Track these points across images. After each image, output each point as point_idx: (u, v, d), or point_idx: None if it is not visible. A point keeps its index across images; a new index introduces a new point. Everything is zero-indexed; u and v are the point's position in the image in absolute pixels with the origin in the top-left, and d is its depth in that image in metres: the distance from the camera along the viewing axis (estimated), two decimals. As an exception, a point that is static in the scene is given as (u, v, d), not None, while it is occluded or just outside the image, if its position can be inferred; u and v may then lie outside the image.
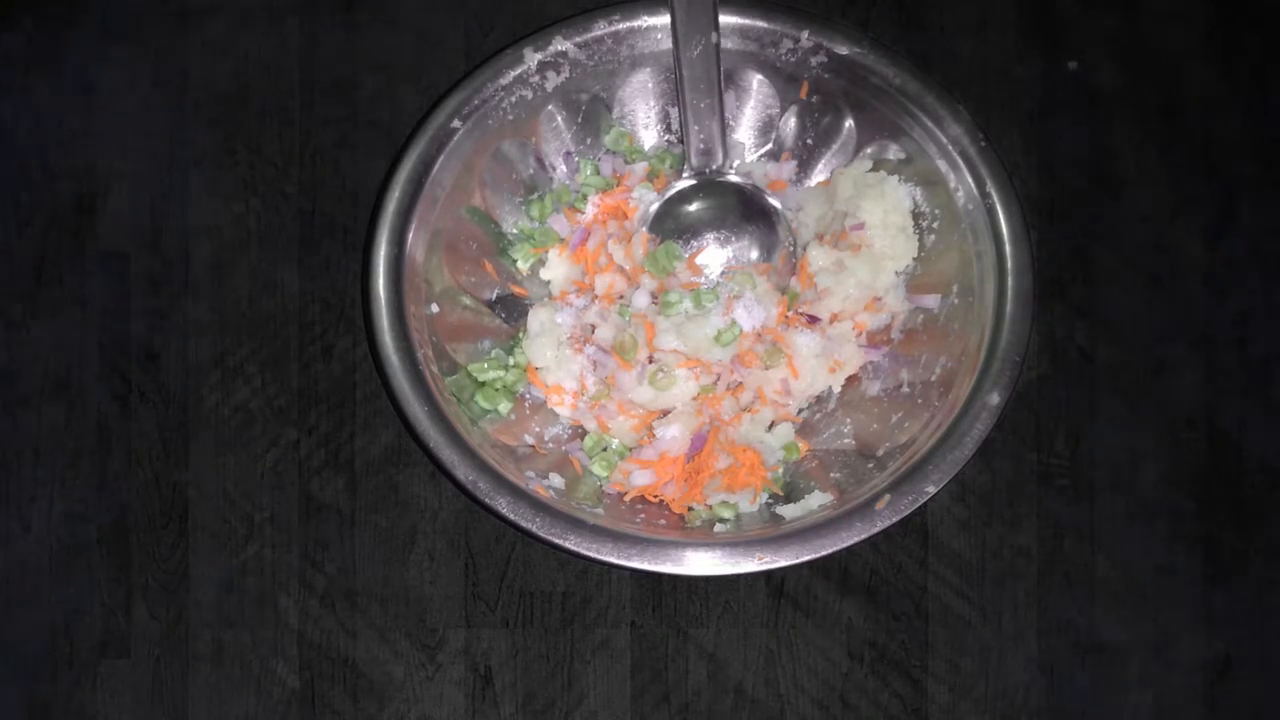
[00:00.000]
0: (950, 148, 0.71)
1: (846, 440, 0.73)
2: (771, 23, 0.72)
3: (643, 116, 0.76)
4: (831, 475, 0.71)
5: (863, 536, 0.67)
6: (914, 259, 0.74)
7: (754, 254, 0.73)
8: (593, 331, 0.72)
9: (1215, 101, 0.78)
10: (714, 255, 0.73)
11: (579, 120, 0.75)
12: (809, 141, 0.75)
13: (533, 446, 0.72)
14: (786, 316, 0.73)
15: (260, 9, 0.77)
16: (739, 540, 0.67)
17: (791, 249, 0.74)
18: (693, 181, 0.73)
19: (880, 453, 0.71)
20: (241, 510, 0.75)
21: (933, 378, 0.71)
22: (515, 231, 0.75)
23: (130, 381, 0.76)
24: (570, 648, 0.75)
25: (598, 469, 0.71)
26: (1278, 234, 0.78)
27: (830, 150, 0.75)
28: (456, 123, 0.71)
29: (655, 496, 0.71)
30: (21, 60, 0.77)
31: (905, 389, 0.72)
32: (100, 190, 0.76)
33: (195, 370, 0.76)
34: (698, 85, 0.70)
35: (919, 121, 0.71)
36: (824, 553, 0.67)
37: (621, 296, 0.73)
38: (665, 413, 0.72)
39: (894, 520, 0.67)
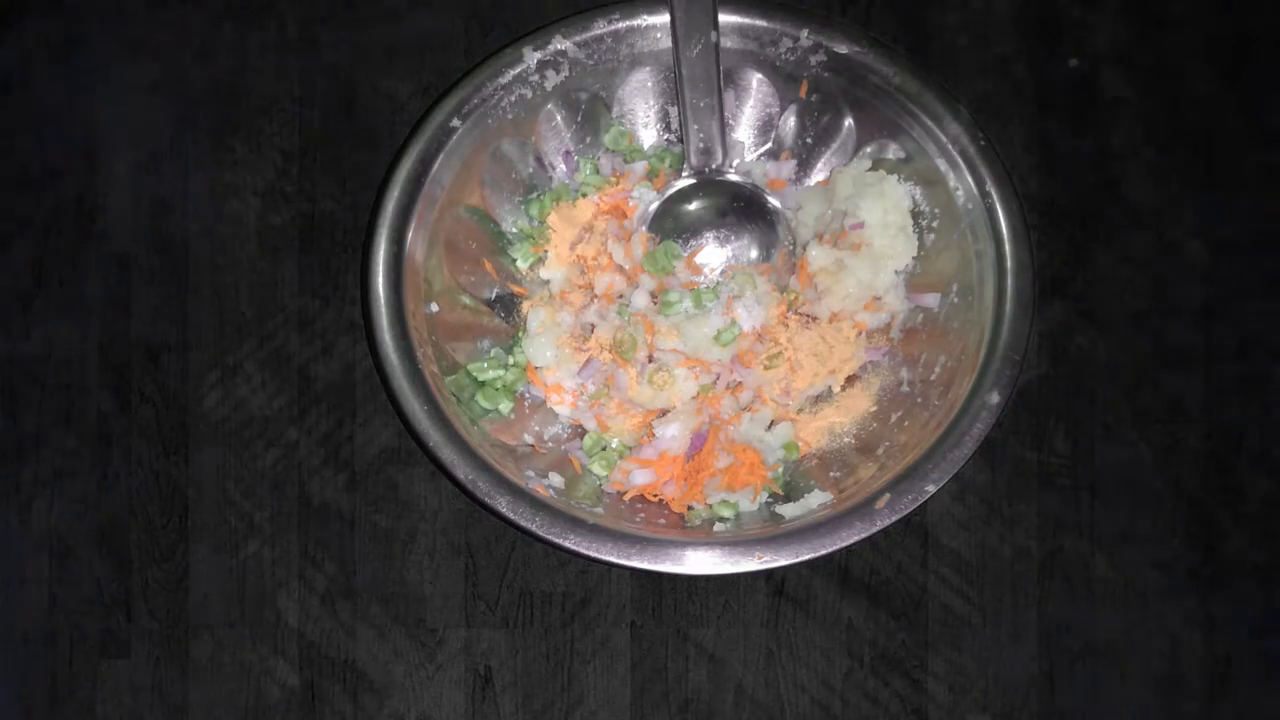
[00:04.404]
0: (950, 147, 0.71)
1: (846, 439, 0.73)
2: (771, 22, 0.72)
3: (642, 115, 0.76)
4: (831, 474, 0.71)
5: (863, 536, 0.67)
6: (913, 258, 0.74)
7: (754, 253, 0.73)
8: (592, 331, 0.72)
9: (1215, 101, 0.78)
10: (713, 254, 0.73)
11: (578, 119, 0.75)
12: (808, 140, 0.75)
13: (532, 446, 0.72)
14: (786, 316, 0.73)
15: (260, 8, 0.78)
16: (739, 539, 0.67)
17: (791, 248, 0.74)
18: (692, 180, 0.73)
19: (880, 452, 0.70)
20: (241, 510, 0.75)
21: (932, 377, 0.71)
22: (515, 230, 0.75)
23: (130, 381, 0.76)
24: (570, 647, 0.75)
25: (597, 468, 0.71)
26: (1277, 233, 0.78)
27: (830, 149, 0.75)
28: (456, 122, 0.71)
29: (655, 496, 0.71)
30: (22, 60, 0.77)
31: (905, 388, 0.72)
32: (100, 190, 0.77)
33: (195, 370, 0.76)
34: (697, 84, 0.70)
35: (918, 120, 0.71)
36: (824, 552, 0.67)
37: (621, 296, 0.73)
38: (665, 412, 0.72)
39: (894, 519, 0.67)
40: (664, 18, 0.71)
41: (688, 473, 0.71)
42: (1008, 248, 0.70)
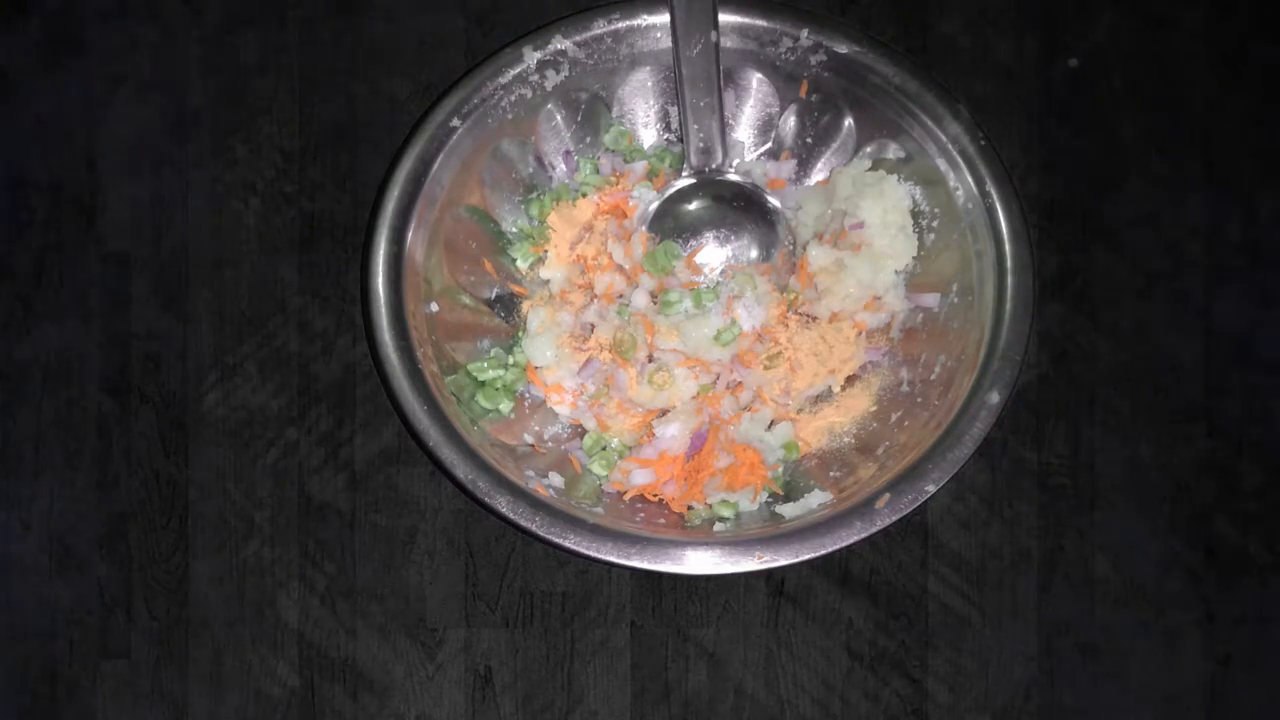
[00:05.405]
0: (950, 146, 0.71)
1: (847, 439, 0.73)
2: (771, 21, 0.72)
3: (642, 115, 0.76)
4: (831, 474, 0.71)
5: (863, 535, 0.67)
6: (914, 258, 0.74)
7: (753, 253, 0.73)
8: (592, 331, 0.72)
9: (1215, 101, 0.78)
10: (713, 254, 0.73)
11: (578, 119, 0.75)
12: (808, 140, 0.75)
13: (532, 445, 0.72)
14: (786, 316, 0.73)
15: (260, 8, 0.78)
16: (739, 539, 0.67)
17: (791, 248, 0.74)
18: (692, 180, 0.73)
19: (880, 452, 0.70)
20: (241, 510, 0.75)
21: (932, 377, 0.71)
22: (515, 230, 0.75)
23: (130, 381, 0.76)
24: (570, 647, 0.75)
25: (597, 468, 0.71)
26: (1278, 233, 0.78)
27: (830, 149, 0.75)
28: (456, 121, 0.71)
29: (655, 495, 0.71)
30: (23, 61, 0.77)
31: (905, 388, 0.72)
32: (100, 190, 0.77)
33: (195, 370, 0.76)
34: (697, 84, 0.70)
35: (918, 120, 0.71)
36: (824, 551, 0.67)
37: (621, 296, 0.73)
38: (665, 412, 0.72)
39: (894, 519, 0.67)
40: (664, 18, 0.71)
41: (688, 473, 0.71)
42: (1008, 248, 0.70)
